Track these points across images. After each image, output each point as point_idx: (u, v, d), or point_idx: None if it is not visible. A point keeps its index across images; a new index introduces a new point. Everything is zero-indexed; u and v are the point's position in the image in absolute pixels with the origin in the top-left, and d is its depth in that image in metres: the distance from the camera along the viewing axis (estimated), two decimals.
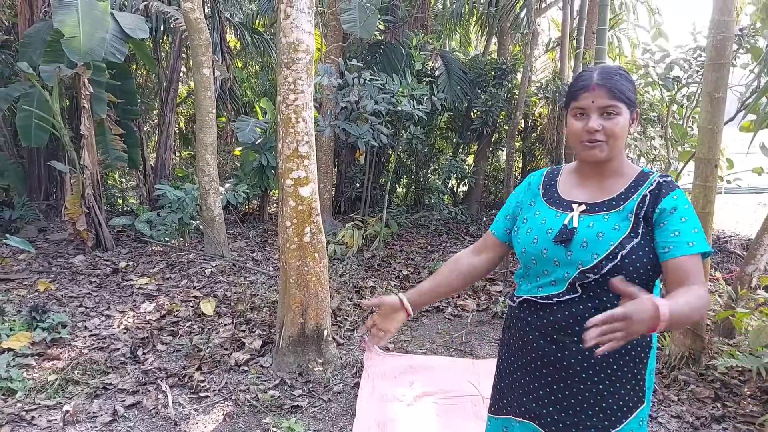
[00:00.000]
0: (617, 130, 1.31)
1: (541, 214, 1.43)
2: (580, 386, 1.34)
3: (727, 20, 3.09)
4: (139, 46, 6.94)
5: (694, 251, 1.25)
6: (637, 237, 1.29)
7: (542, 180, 1.52)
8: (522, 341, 1.44)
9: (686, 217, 1.29)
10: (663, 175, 1.37)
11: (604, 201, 1.37)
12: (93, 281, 5.01)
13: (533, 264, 1.40)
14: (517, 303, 1.46)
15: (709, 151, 3.17)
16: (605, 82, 1.31)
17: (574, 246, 1.31)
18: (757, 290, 3.58)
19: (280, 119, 3.35)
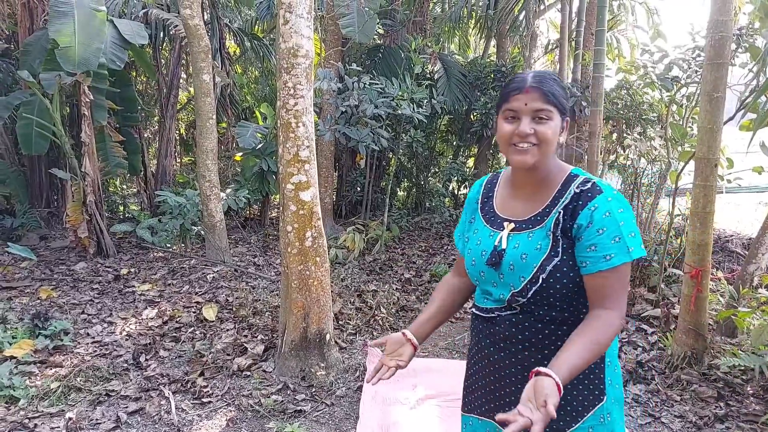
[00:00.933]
0: (549, 135, 1.26)
1: (478, 233, 1.42)
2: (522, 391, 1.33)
3: (725, 20, 3.10)
4: (139, 53, 6.97)
5: (612, 264, 1.22)
6: (558, 256, 1.26)
7: (481, 192, 1.50)
8: (477, 347, 1.46)
9: (603, 228, 1.23)
10: (584, 182, 1.30)
11: (530, 217, 1.34)
12: (95, 288, 5.01)
13: (477, 283, 1.44)
14: (472, 312, 1.49)
15: (709, 151, 3.17)
16: (539, 84, 1.26)
17: (504, 269, 1.31)
18: (758, 289, 3.57)
19: (280, 124, 3.36)
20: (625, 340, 3.85)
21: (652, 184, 5.60)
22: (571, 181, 1.32)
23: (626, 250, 1.23)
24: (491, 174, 1.53)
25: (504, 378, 1.38)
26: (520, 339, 1.33)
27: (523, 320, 1.32)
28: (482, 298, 1.43)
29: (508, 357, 1.36)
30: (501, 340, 1.37)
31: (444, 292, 1.59)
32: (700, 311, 3.24)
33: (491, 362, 1.41)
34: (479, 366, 1.46)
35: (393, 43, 8.05)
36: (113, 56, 5.98)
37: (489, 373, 1.42)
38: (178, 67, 7.89)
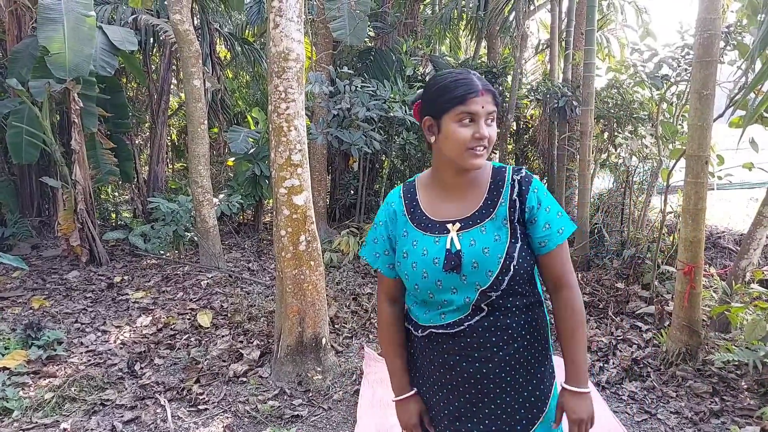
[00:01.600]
0: (494, 136, 1.30)
1: (419, 244, 1.35)
2: (507, 389, 1.35)
3: (713, 18, 3.12)
4: (129, 59, 6.94)
5: (564, 237, 1.32)
6: (518, 241, 1.30)
7: (403, 204, 1.43)
8: (442, 369, 1.38)
9: (549, 205, 1.33)
10: (516, 170, 1.36)
11: (474, 212, 1.33)
12: (88, 297, 4.98)
13: (430, 297, 1.34)
14: (424, 335, 1.39)
15: (700, 148, 3.19)
16: (488, 87, 1.28)
17: (466, 269, 1.28)
18: (751, 284, 3.60)
19: (272, 128, 3.36)
20: (620, 338, 3.86)
21: (644, 182, 5.63)
22: (500, 172, 1.37)
23: (570, 222, 1.35)
24: (402, 185, 1.47)
25: (479, 391, 1.35)
26: (494, 341, 1.32)
27: (493, 320, 1.32)
28: (436, 314, 1.35)
29: (483, 366, 1.33)
30: (474, 349, 1.33)
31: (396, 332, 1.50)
32: (693, 307, 3.26)
33: (464, 379, 1.35)
34: (447, 389, 1.39)
35: (384, 45, 8.05)
36: (103, 63, 5.96)
37: (460, 393, 1.37)
38: (169, 73, 7.86)
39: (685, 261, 3.26)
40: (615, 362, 3.54)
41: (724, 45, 4.38)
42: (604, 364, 3.56)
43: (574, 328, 1.34)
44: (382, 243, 1.46)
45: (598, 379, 3.37)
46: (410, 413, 1.49)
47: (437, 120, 1.31)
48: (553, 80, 7.26)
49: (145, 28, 7.01)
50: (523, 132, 9.13)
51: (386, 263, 1.46)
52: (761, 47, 2.49)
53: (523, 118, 9.01)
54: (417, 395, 1.49)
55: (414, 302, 1.43)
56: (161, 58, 7.98)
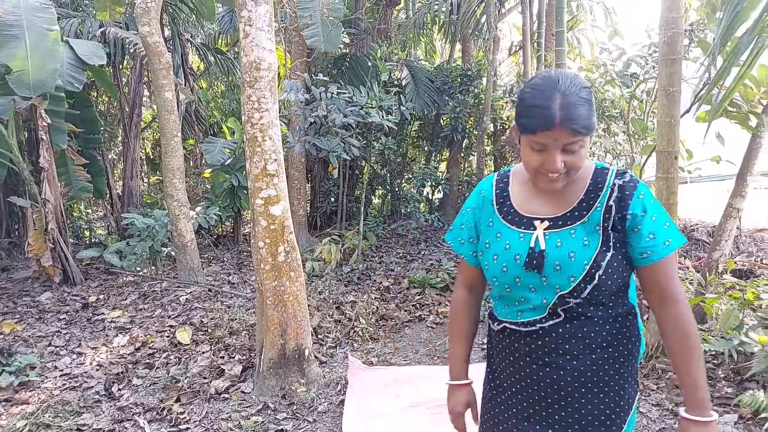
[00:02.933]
0: (579, 161, 1.21)
1: (503, 237, 1.31)
2: (581, 401, 1.27)
3: (675, 17, 3.19)
4: (99, 72, 6.82)
5: (671, 249, 1.22)
6: (610, 250, 1.22)
7: (494, 192, 1.39)
8: (513, 367, 1.34)
9: (656, 214, 1.23)
10: (619, 174, 1.28)
11: (566, 213, 1.27)
12: (62, 318, 4.85)
13: (507, 291, 1.31)
14: (499, 328, 1.37)
15: (669, 144, 3.25)
16: (568, 121, 1.14)
17: (548, 270, 1.23)
18: (724, 275, 3.67)
19: (246, 139, 3.32)
20: None
21: None
22: (602, 174, 1.28)
23: (678, 234, 1.25)
24: (497, 173, 1.43)
25: (550, 396, 1.29)
26: (568, 348, 1.25)
27: (569, 328, 1.25)
28: (514, 311, 1.31)
29: (554, 371, 1.27)
30: (546, 354, 1.27)
31: (465, 320, 1.50)
32: None
33: (533, 381, 1.30)
34: (516, 388, 1.34)
35: (359, 51, 8.06)
36: (70, 78, 5.84)
37: (530, 394, 1.31)
38: (140, 85, 7.74)
39: None
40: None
41: (688, 42, 4.48)
42: None
43: (689, 346, 1.22)
44: (468, 230, 1.42)
45: None
46: (458, 401, 1.49)
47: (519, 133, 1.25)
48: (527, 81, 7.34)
49: (114, 41, 6.90)
50: (500, 133, 9.21)
51: (470, 250, 1.42)
52: (721, 44, 2.55)
53: (500, 120, 9.09)
54: (469, 387, 1.50)
55: (495, 295, 1.39)
56: (132, 70, 7.87)
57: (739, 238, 5.25)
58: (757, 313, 3.23)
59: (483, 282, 1.50)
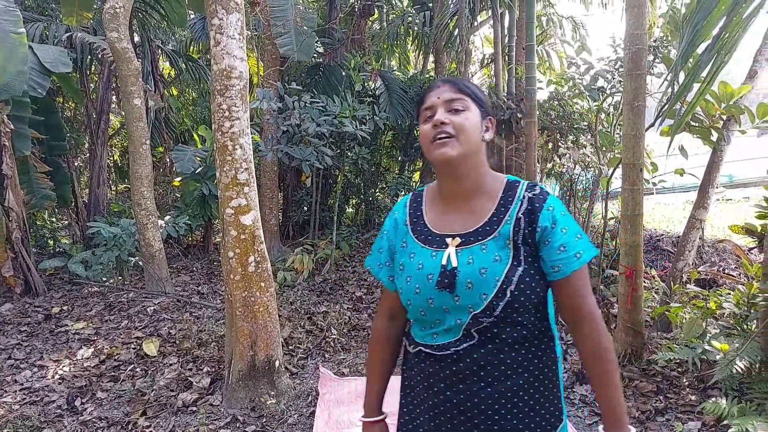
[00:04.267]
0: (467, 124, 1.21)
1: (416, 257, 1.27)
2: (500, 423, 1.22)
3: (640, 33, 3.29)
4: (65, 78, 6.66)
5: (582, 262, 1.20)
6: (521, 265, 1.19)
7: (407, 213, 1.36)
8: (428, 392, 1.28)
9: (566, 226, 1.21)
10: (530, 187, 1.27)
11: (477, 228, 1.24)
12: (23, 330, 4.68)
13: (422, 314, 1.26)
14: (415, 351, 1.31)
15: (634, 156, 3.34)
16: (450, 78, 1.28)
17: (459, 289, 1.18)
18: (688, 284, 3.77)
19: (216, 147, 3.28)
20: (570, 343, 3.96)
21: (587, 189, 5.84)
22: (513, 187, 1.27)
23: (590, 246, 1.24)
24: (411, 194, 1.40)
25: (468, 420, 1.23)
26: (483, 375, 1.21)
27: (484, 353, 1.20)
28: (429, 334, 1.27)
29: (469, 398, 1.22)
30: (460, 380, 1.22)
31: (385, 353, 1.44)
32: (636, 309, 3.39)
33: (450, 406, 1.24)
34: (432, 414, 1.28)
35: (332, 61, 8.07)
36: (34, 83, 5.68)
37: (446, 420, 1.25)
38: (108, 92, 7.58)
39: (626, 264, 3.38)
40: (566, 367, 3.62)
41: (653, 58, 4.63)
42: None
43: (604, 366, 1.20)
44: (384, 253, 1.39)
45: None
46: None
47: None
48: (499, 93, 7.46)
49: (81, 46, 6.75)
50: None
51: (387, 274, 1.38)
52: (683, 60, 2.64)
53: None
54: (383, 422, 1.46)
55: (412, 318, 1.35)
56: (100, 76, 7.70)
57: (702, 249, 5.42)
58: (719, 321, 3.33)
59: (405, 309, 1.40)
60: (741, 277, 4.57)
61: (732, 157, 4.53)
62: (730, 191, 10.03)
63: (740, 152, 9.25)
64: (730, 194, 9.83)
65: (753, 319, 3.02)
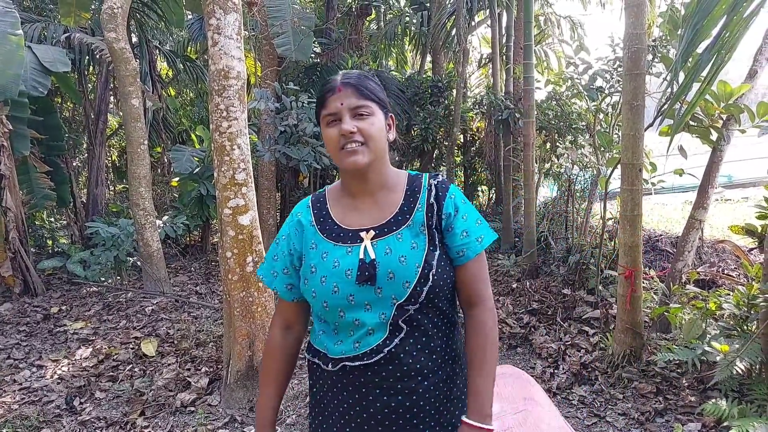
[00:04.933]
0: (373, 130, 1.21)
1: (329, 255, 1.22)
2: (431, 423, 1.23)
3: (639, 33, 3.29)
4: (63, 78, 6.64)
5: (484, 246, 1.24)
6: (437, 249, 1.21)
7: (311, 214, 1.31)
8: (358, 407, 1.22)
9: (467, 213, 1.25)
10: (433, 176, 1.31)
11: (390, 219, 1.24)
12: (22, 330, 4.67)
13: (341, 317, 1.20)
14: (337, 368, 1.23)
15: (633, 156, 3.33)
16: (351, 81, 1.22)
17: (381, 280, 1.17)
18: (687, 285, 3.77)
19: (214, 147, 3.27)
20: (568, 343, 3.95)
21: (585, 190, 5.84)
22: (416, 179, 1.30)
23: (490, 231, 1.28)
24: (311, 196, 1.37)
25: (406, 423, 1.21)
26: (419, 369, 1.20)
27: (415, 343, 1.19)
28: (349, 344, 1.20)
29: (407, 397, 1.19)
30: (397, 380, 1.19)
31: (280, 365, 1.37)
32: (635, 310, 3.38)
33: (386, 414, 1.20)
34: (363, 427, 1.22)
35: (330, 61, 8.07)
36: (34, 83, 5.67)
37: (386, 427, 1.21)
38: (107, 92, 7.57)
39: (625, 265, 3.38)
40: (564, 367, 3.62)
41: (652, 58, 4.63)
42: (555, 370, 3.63)
43: (483, 351, 1.21)
44: (281, 260, 1.32)
45: (549, 385, 3.43)
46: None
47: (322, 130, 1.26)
48: (496, 93, 7.46)
49: (79, 47, 6.74)
50: (470, 144, 9.32)
51: (284, 283, 1.31)
52: (683, 60, 2.64)
53: (470, 131, 9.21)
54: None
55: (322, 330, 1.27)
56: (98, 77, 7.69)
57: (701, 249, 5.42)
58: (719, 322, 3.32)
59: (302, 319, 1.38)
60: (741, 278, 4.57)
61: (731, 158, 4.52)
62: (729, 191, 10.04)
63: (739, 152, 9.28)
64: (729, 194, 9.84)
65: (753, 320, 3.02)
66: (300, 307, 1.35)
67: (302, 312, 1.37)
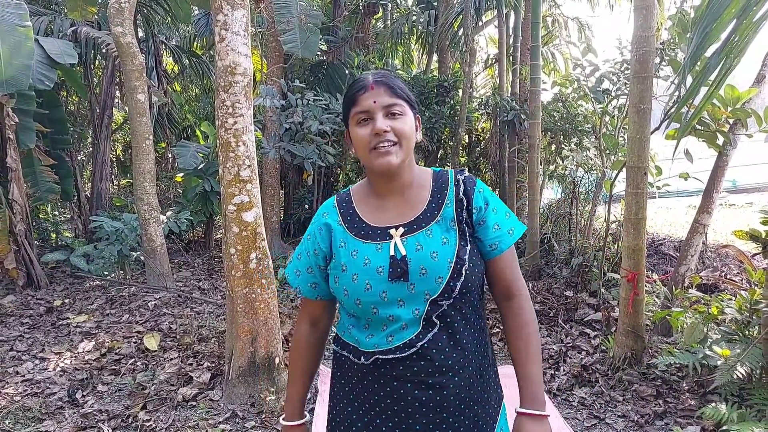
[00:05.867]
0: (407, 129, 1.20)
1: (360, 254, 1.21)
2: (461, 418, 1.22)
3: (647, 35, 3.28)
4: (69, 72, 6.66)
5: (515, 238, 1.25)
6: (468, 245, 1.21)
7: (338, 213, 1.30)
8: (389, 399, 1.22)
9: (496, 206, 1.27)
10: (459, 171, 1.31)
11: (418, 216, 1.23)
12: (25, 322, 4.69)
13: (374, 313, 1.20)
14: (370, 362, 1.22)
15: (639, 160, 3.33)
16: (383, 79, 1.20)
17: (414, 276, 1.17)
18: (689, 289, 3.76)
19: (219, 144, 3.28)
20: (570, 345, 3.95)
21: (589, 192, 5.83)
22: (442, 175, 1.30)
23: (519, 223, 1.29)
24: (335, 196, 1.36)
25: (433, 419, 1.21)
26: (451, 364, 1.20)
27: (448, 339, 1.20)
28: (383, 338, 1.20)
29: (438, 392, 1.20)
30: (429, 375, 1.19)
31: (307, 357, 1.40)
32: (637, 313, 3.38)
33: (418, 407, 1.20)
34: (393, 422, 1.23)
35: (336, 59, 8.07)
36: (41, 76, 5.68)
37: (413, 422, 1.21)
38: (112, 87, 7.59)
39: (628, 268, 3.38)
40: (565, 369, 3.62)
41: (659, 61, 4.62)
42: (555, 372, 3.63)
43: (528, 340, 1.23)
44: (305, 259, 1.32)
45: (550, 386, 3.43)
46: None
47: (348, 129, 1.26)
48: (502, 94, 7.45)
49: (85, 41, 6.76)
50: (475, 145, 9.31)
51: (307, 282, 1.32)
52: (691, 63, 2.63)
53: (475, 131, 9.19)
54: (304, 427, 1.41)
55: (353, 325, 1.27)
56: (104, 71, 7.72)
57: (704, 254, 5.41)
58: (720, 327, 3.32)
59: (328, 315, 1.40)
60: (743, 283, 4.56)
61: (735, 162, 4.50)
62: (733, 196, 10.01)
63: (744, 158, 9.24)
64: (734, 200, 9.81)
65: (755, 325, 3.01)
66: (324, 304, 1.37)
67: (327, 308, 1.39)
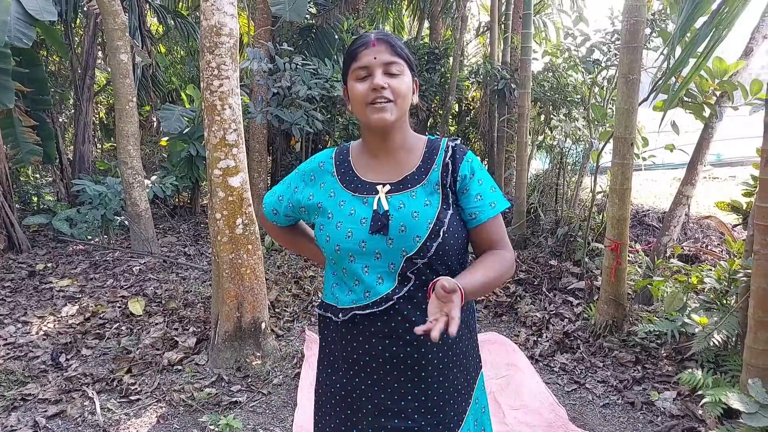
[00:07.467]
0: (403, 88, 1.23)
1: (347, 204, 1.28)
2: (438, 380, 1.27)
3: (638, 5, 3.24)
4: (49, 30, 6.43)
5: (497, 211, 1.28)
6: (450, 209, 1.25)
7: (333, 165, 1.36)
8: (368, 356, 1.27)
9: (482, 178, 1.29)
10: (452, 139, 1.34)
11: (405, 177, 1.28)
12: (6, 286, 4.65)
13: (350, 261, 1.25)
14: (347, 318, 1.27)
15: (626, 130, 3.33)
16: (385, 37, 1.24)
17: (393, 232, 1.22)
18: (671, 259, 3.83)
19: (205, 107, 3.21)
20: (553, 313, 4.03)
21: (577, 163, 5.85)
22: (435, 142, 1.34)
23: (503, 198, 1.32)
24: (335, 147, 1.42)
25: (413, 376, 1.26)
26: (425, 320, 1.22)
27: (422, 296, 1.22)
28: (360, 293, 1.25)
29: (415, 348, 1.24)
30: (406, 330, 1.22)
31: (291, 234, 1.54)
32: (619, 282, 3.44)
33: (396, 363, 1.25)
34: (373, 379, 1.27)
35: (325, 23, 7.87)
36: (19, 33, 5.47)
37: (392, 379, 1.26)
38: (94, 46, 7.35)
39: (612, 238, 3.42)
40: (548, 336, 3.69)
41: (650, 32, 4.58)
42: (538, 338, 3.71)
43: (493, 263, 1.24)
44: (284, 186, 1.44)
45: (532, 352, 3.51)
46: None
47: (346, 86, 1.28)
48: (493, 63, 7.37)
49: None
50: (465, 114, 9.24)
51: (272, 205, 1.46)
52: (681, 34, 2.61)
53: (465, 100, 9.11)
54: None
55: (335, 283, 1.32)
56: (85, 30, 7.46)
57: (687, 225, 5.49)
58: (699, 296, 3.40)
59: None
60: (723, 254, 4.65)
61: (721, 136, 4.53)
62: (717, 170, 10.11)
63: (728, 131, 9.29)
64: (718, 173, 9.92)
65: (732, 295, 3.09)
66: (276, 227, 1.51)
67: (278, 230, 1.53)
